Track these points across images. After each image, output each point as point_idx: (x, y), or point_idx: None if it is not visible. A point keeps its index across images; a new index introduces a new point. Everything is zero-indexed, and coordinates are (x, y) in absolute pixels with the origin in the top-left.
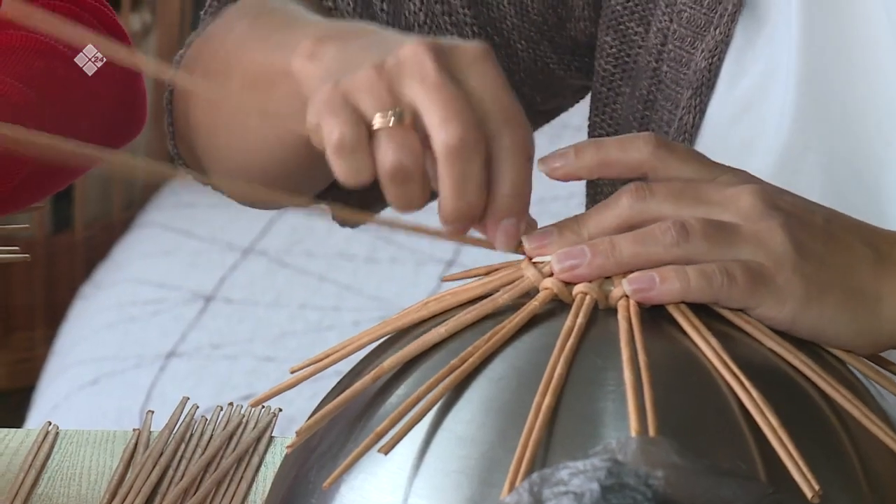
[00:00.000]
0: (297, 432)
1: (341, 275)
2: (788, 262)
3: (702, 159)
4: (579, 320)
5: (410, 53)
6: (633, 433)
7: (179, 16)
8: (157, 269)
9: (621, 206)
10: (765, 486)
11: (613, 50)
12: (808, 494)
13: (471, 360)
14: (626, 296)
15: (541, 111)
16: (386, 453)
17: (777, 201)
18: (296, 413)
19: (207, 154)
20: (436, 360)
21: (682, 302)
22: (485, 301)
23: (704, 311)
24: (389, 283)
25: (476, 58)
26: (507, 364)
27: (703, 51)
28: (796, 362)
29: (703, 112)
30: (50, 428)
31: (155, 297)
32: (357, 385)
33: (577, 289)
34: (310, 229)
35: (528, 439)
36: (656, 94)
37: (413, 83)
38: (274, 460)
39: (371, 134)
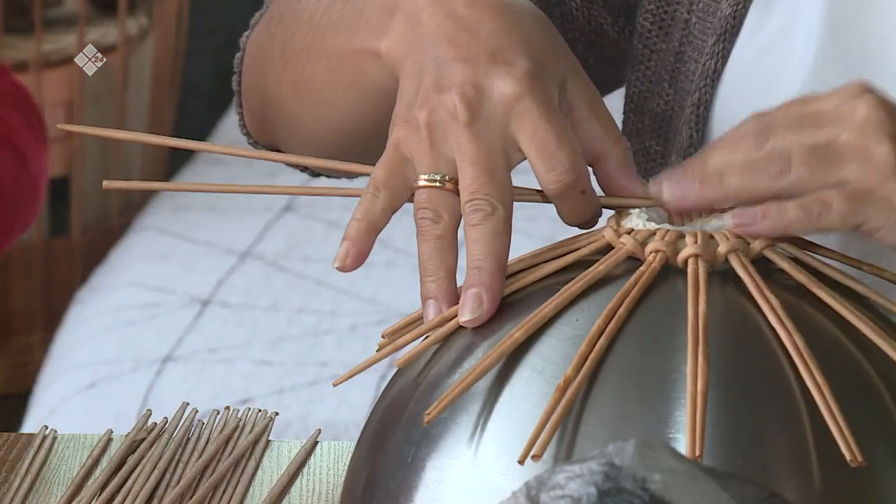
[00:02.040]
0: (395, 363)
1: (338, 279)
2: (893, 171)
3: (806, 112)
4: (643, 279)
5: (450, 108)
6: (688, 393)
7: (176, 20)
8: (154, 273)
9: (748, 148)
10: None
11: (652, 6)
12: (848, 457)
13: (542, 314)
14: (694, 255)
15: (596, 78)
16: (427, 423)
17: (893, 111)
18: (292, 417)
19: (291, 133)
20: (506, 309)
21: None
22: (566, 257)
23: (780, 278)
24: (386, 287)
25: (511, 105)
26: (581, 318)
27: None
28: (863, 327)
29: (725, 58)
30: (47, 432)
31: (152, 301)
32: (447, 327)
33: (650, 247)
34: (306, 233)
35: (562, 391)
36: (686, 46)
37: (452, 148)
38: (270, 464)
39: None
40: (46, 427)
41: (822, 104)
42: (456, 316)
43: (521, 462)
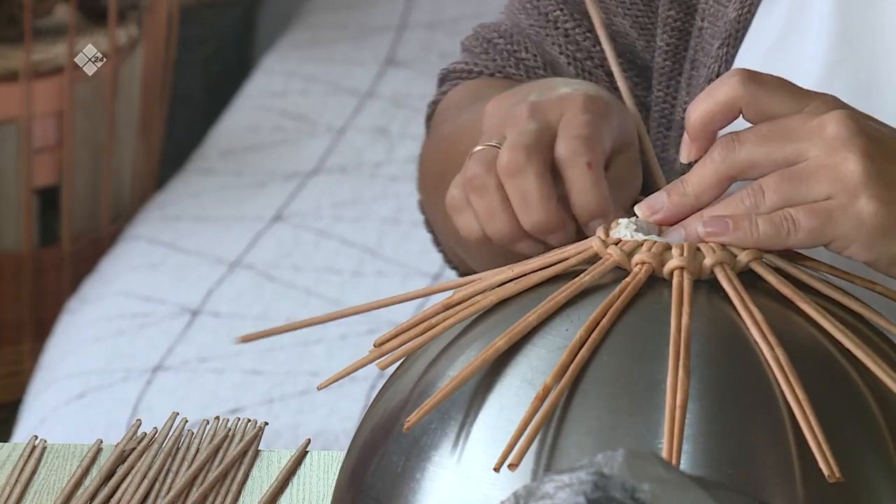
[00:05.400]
0: (378, 365)
1: (328, 289)
2: (862, 190)
3: (790, 87)
4: (628, 290)
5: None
6: (667, 406)
7: (166, 30)
8: (144, 282)
9: (715, 161)
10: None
11: (678, 23)
12: (826, 473)
13: (525, 323)
14: (680, 268)
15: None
16: (406, 430)
17: (862, 126)
18: (282, 427)
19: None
20: (497, 320)
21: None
22: (554, 266)
23: (765, 288)
24: (376, 296)
25: (566, 100)
26: (571, 328)
27: (734, 2)
28: (846, 341)
29: (729, 62)
30: (37, 442)
31: (142, 310)
32: (438, 328)
33: (636, 258)
34: (297, 243)
35: (544, 395)
36: (699, 53)
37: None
38: (260, 474)
39: None
40: (36, 437)
41: (790, 121)
42: (439, 322)
43: (496, 469)
